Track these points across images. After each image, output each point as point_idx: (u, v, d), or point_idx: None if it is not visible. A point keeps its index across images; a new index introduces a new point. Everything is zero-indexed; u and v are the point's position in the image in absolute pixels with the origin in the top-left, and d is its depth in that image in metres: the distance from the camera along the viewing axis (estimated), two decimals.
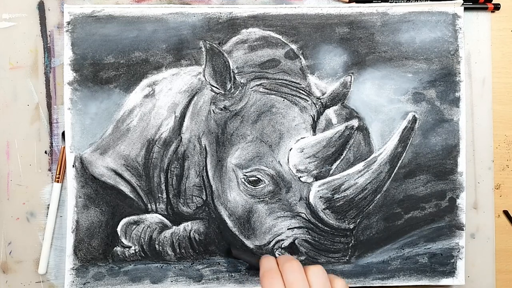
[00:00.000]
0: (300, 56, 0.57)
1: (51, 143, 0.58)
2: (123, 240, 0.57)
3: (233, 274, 0.58)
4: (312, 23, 0.58)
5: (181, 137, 0.57)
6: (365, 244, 0.58)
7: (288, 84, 0.57)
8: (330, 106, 0.58)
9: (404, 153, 0.58)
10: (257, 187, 0.57)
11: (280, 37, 0.57)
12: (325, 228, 0.57)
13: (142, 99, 0.57)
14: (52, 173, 0.58)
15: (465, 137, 0.58)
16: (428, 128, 0.58)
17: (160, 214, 0.57)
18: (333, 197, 0.57)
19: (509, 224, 0.59)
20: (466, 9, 0.59)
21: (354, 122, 0.57)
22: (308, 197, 0.57)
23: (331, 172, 0.57)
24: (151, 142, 0.57)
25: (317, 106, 0.57)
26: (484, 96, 0.59)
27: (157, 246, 0.57)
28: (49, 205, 0.58)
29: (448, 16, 0.58)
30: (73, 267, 0.57)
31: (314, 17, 0.58)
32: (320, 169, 0.57)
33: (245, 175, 0.56)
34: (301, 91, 0.57)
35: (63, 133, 0.57)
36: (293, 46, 0.57)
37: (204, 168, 0.57)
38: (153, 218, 0.57)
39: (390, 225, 0.58)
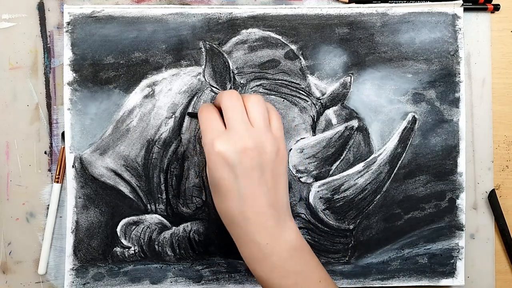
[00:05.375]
0: (300, 57, 0.57)
1: (51, 144, 0.58)
2: (123, 240, 0.57)
3: (233, 274, 0.58)
4: (312, 23, 0.58)
5: (181, 138, 0.57)
6: (365, 245, 0.58)
7: (288, 85, 0.57)
8: (330, 107, 0.58)
9: (404, 154, 0.58)
10: None
11: (280, 37, 0.57)
12: (325, 228, 0.57)
13: (142, 100, 0.57)
14: (51, 173, 0.58)
15: (464, 138, 0.58)
16: (428, 128, 0.58)
17: (159, 214, 0.57)
18: (333, 197, 0.57)
19: (509, 224, 0.59)
20: (465, 9, 0.59)
21: (354, 123, 0.57)
22: (308, 198, 0.57)
23: (331, 172, 0.57)
24: (150, 142, 0.57)
25: (316, 106, 0.57)
26: (484, 97, 0.59)
27: (156, 247, 0.57)
28: (48, 205, 0.57)
29: (447, 17, 0.58)
30: (73, 267, 0.57)
31: (313, 18, 0.58)
32: (320, 170, 0.57)
33: None
34: (300, 91, 0.57)
35: (62, 134, 0.57)
36: (293, 47, 0.57)
37: (204, 168, 0.57)
38: (152, 218, 0.57)
39: (390, 226, 0.58)
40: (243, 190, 0.44)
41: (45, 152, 0.58)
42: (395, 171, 0.58)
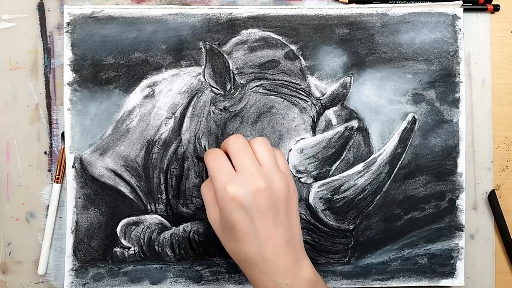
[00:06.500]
0: (300, 57, 0.57)
1: (51, 144, 0.58)
2: (123, 241, 0.57)
3: (232, 275, 0.58)
4: (311, 24, 0.58)
5: (181, 138, 0.57)
6: (364, 245, 0.58)
7: (288, 85, 0.57)
8: (330, 107, 0.58)
9: (404, 154, 0.58)
10: None
11: (279, 38, 0.57)
12: (325, 229, 0.57)
13: (142, 100, 0.57)
14: (51, 173, 0.58)
15: (464, 138, 0.58)
16: (428, 129, 0.58)
17: (159, 215, 0.57)
18: (333, 198, 0.57)
19: (509, 224, 0.59)
20: (465, 10, 0.59)
21: (354, 123, 0.58)
22: (308, 198, 0.57)
23: (330, 173, 0.57)
24: (150, 142, 0.57)
25: (316, 107, 0.57)
26: (483, 97, 0.59)
27: (156, 247, 0.57)
28: (48, 205, 0.57)
29: (447, 17, 0.58)
30: (73, 267, 0.57)
31: (313, 18, 0.58)
32: (319, 170, 0.57)
33: None
34: (300, 92, 0.57)
35: (62, 134, 0.57)
36: (293, 47, 0.57)
37: (204, 169, 0.57)
38: (152, 219, 0.57)
39: (390, 226, 0.58)
40: (260, 232, 0.44)
41: (45, 152, 0.58)
42: (395, 171, 0.58)
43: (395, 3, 0.58)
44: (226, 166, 0.46)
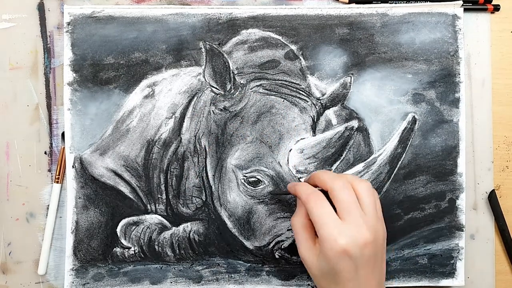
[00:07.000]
0: (300, 57, 0.57)
1: (51, 144, 0.58)
2: (123, 241, 0.57)
3: (232, 275, 0.58)
4: (312, 24, 0.58)
5: (181, 138, 0.57)
6: None
7: (288, 85, 0.57)
8: (330, 107, 0.58)
9: (404, 154, 0.58)
10: (257, 188, 0.56)
11: (280, 37, 0.57)
12: None
13: (142, 100, 0.57)
14: (51, 173, 0.58)
15: (464, 138, 0.58)
16: (428, 129, 0.58)
17: (159, 215, 0.57)
18: None
19: (509, 224, 0.59)
20: (465, 10, 0.59)
21: (354, 123, 0.57)
22: None
23: None
24: (150, 142, 0.57)
25: (317, 107, 0.57)
26: (483, 97, 0.59)
27: (156, 247, 0.57)
28: (48, 205, 0.57)
29: (447, 17, 0.58)
30: (73, 267, 0.57)
31: (314, 18, 0.58)
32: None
33: (245, 176, 0.56)
34: (301, 91, 0.57)
35: (62, 134, 0.57)
36: (293, 47, 0.57)
37: (204, 168, 0.57)
38: (152, 219, 0.57)
39: (390, 226, 0.58)
40: (361, 279, 0.46)
41: (45, 152, 0.58)
42: (395, 171, 0.58)
43: (395, 3, 0.58)
44: (333, 216, 0.46)
